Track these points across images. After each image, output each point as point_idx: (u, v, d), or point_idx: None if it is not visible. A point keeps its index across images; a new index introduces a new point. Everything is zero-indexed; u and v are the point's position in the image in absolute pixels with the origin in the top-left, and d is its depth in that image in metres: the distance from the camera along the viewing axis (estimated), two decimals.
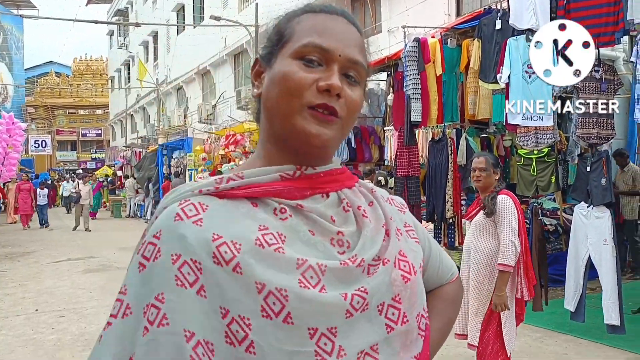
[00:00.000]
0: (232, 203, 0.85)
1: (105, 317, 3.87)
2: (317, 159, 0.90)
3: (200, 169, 15.31)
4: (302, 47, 0.87)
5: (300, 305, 0.77)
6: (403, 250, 0.92)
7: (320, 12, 0.92)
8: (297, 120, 0.85)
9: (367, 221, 0.91)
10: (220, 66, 21.92)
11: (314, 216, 0.86)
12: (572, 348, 5.04)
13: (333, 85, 0.84)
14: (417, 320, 0.90)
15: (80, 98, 46.65)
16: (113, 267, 9.88)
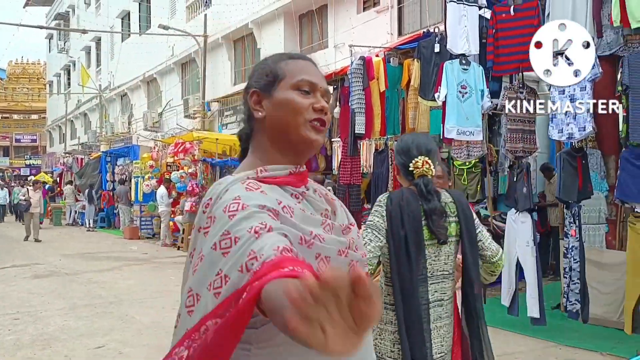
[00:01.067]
0: (269, 186, 1.25)
1: (59, 318, 4.44)
2: (308, 156, 1.36)
3: (148, 176, 15.34)
4: (298, 82, 1.28)
5: (319, 243, 1.21)
6: (349, 218, 1.43)
7: (298, 59, 1.35)
8: (303, 131, 1.27)
9: (335, 202, 1.40)
10: (167, 74, 21.95)
11: (310, 198, 1.32)
12: (498, 338, 5.65)
13: (324, 106, 1.30)
14: (362, 255, 1.37)
15: (14, 102, 45.04)
16: (61, 273, 9.92)
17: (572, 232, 5.70)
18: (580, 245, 5.64)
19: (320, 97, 1.30)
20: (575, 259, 5.62)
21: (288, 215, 1.20)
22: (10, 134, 46.26)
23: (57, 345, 5.53)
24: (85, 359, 5.10)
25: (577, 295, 5.60)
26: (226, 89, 17.62)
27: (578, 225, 5.65)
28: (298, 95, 1.28)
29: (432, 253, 2.41)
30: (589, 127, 5.32)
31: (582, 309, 5.60)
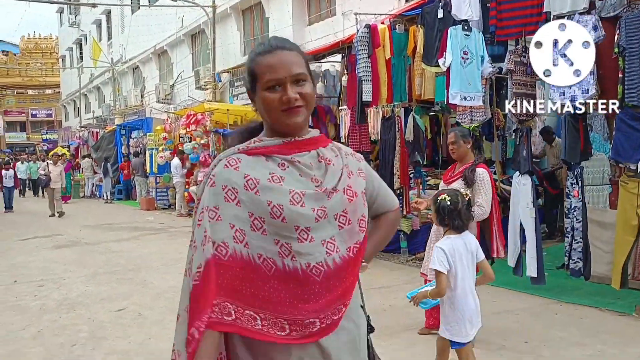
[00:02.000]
0: (254, 158, 1.53)
1: (81, 285, 4.75)
2: (298, 132, 1.58)
3: (161, 148, 15.60)
4: (265, 82, 1.52)
5: (290, 213, 1.45)
6: (350, 184, 1.58)
7: (265, 54, 1.54)
8: (279, 120, 1.53)
9: (331, 166, 1.58)
10: (178, 46, 22.02)
11: (301, 165, 1.54)
12: (500, 296, 5.86)
13: (289, 98, 1.50)
14: (358, 222, 1.56)
15: (29, 77, 45.39)
16: (82, 243, 10.28)
17: (574, 192, 5.81)
18: (582, 206, 5.75)
19: (289, 86, 1.50)
20: (578, 219, 5.74)
21: (252, 185, 1.47)
22: (26, 109, 46.80)
23: (81, 308, 5.84)
24: (108, 320, 5.40)
25: (580, 254, 5.74)
26: (236, 59, 17.67)
27: (581, 186, 5.75)
28: (269, 94, 1.52)
29: None
30: (592, 89, 5.37)
31: (584, 267, 5.75)
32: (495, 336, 4.62)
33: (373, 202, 1.74)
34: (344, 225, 1.52)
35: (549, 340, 4.53)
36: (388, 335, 4.66)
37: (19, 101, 46.71)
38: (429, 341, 4.55)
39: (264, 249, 1.43)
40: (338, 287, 1.48)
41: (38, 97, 47.45)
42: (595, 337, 4.58)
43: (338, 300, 1.48)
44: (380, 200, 1.77)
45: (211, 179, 1.50)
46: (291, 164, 1.53)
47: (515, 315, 5.22)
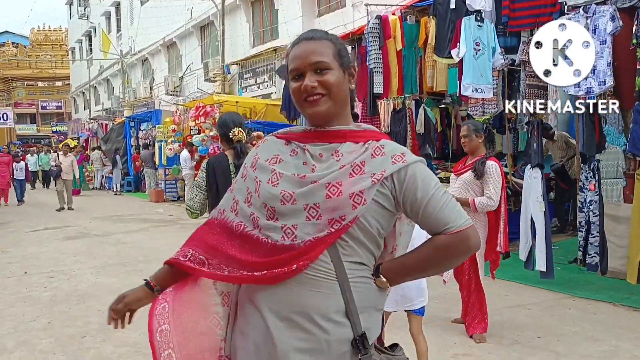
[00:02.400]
0: (278, 140, 1.64)
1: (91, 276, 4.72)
2: (325, 122, 1.56)
3: (170, 140, 15.58)
4: (290, 72, 1.57)
5: (263, 191, 1.53)
6: (342, 182, 1.45)
7: (293, 46, 1.58)
8: (302, 110, 1.57)
9: (334, 162, 1.50)
10: (187, 38, 21.98)
11: (307, 154, 1.55)
12: (512, 291, 5.81)
13: (305, 86, 1.51)
14: (329, 220, 1.45)
15: (39, 70, 45.58)
16: (91, 234, 10.31)
17: (590, 186, 5.73)
18: (599, 199, 5.68)
19: (309, 75, 1.52)
20: (595, 213, 5.66)
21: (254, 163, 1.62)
22: (36, 101, 47.00)
23: (91, 300, 5.84)
24: None
25: (597, 249, 5.67)
26: (245, 51, 17.63)
27: (597, 180, 5.68)
28: (294, 83, 1.56)
29: None
30: (609, 81, 5.28)
31: (600, 261, 5.68)
32: (508, 331, 4.58)
33: (417, 215, 1.50)
34: (312, 218, 1.46)
35: (562, 335, 4.48)
36: (398, 328, 4.61)
37: (29, 93, 46.92)
38: (441, 335, 4.52)
39: (244, 217, 1.56)
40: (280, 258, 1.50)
41: (48, 89, 47.64)
42: (609, 332, 4.52)
43: (278, 266, 1.46)
44: (426, 215, 1.48)
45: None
46: (301, 150, 1.57)
47: (528, 309, 5.17)
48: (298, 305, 1.46)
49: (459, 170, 4.58)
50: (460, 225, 1.48)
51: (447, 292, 5.56)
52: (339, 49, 1.56)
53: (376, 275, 1.53)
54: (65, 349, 4.46)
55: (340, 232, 1.46)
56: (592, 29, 5.30)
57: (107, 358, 4.28)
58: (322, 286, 1.47)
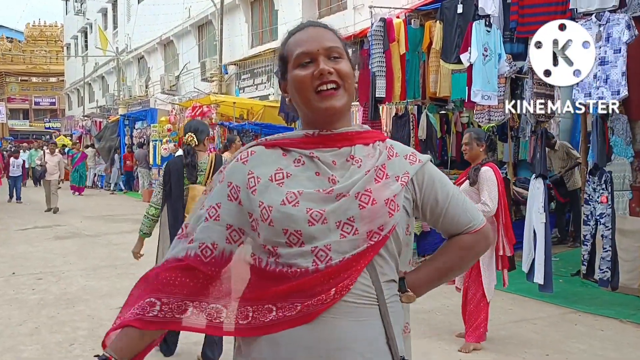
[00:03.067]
0: (270, 151, 1.37)
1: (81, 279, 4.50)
2: (337, 122, 1.35)
3: (165, 139, 15.35)
4: (295, 59, 1.34)
5: (278, 215, 1.27)
6: (372, 189, 1.30)
7: (296, 32, 1.39)
8: (313, 103, 1.32)
9: (355, 168, 1.32)
10: (184, 37, 21.79)
11: (319, 162, 1.33)
12: (516, 304, 5.65)
13: (322, 69, 1.30)
14: (368, 233, 1.28)
15: (33, 65, 45.21)
16: (82, 234, 10.08)
17: (602, 198, 5.56)
18: (612, 212, 5.54)
19: (323, 60, 1.31)
20: (607, 226, 5.50)
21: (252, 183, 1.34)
22: (29, 97, 46.60)
23: (80, 304, 5.64)
24: (108, 318, 5.19)
25: (609, 263, 5.51)
26: (243, 51, 17.45)
27: (610, 192, 5.54)
28: (300, 71, 1.33)
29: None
30: (623, 91, 5.15)
31: (611, 276, 5.53)
32: (515, 347, 4.42)
33: (438, 218, 1.42)
34: (347, 234, 1.27)
35: (570, 353, 4.32)
36: None
37: (22, 88, 46.50)
38: (444, 350, 4.36)
39: (257, 250, 1.35)
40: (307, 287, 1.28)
41: (42, 85, 47.25)
42: (618, 351, 4.37)
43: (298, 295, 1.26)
44: (449, 216, 1.42)
45: (222, 173, 1.40)
46: (309, 159, 1.33)
47: (533, 324, 5.01)
48: (338, 340, 1.26)
49: (459, 181, 4.54)
50: (480, 221, 1.46)
51: (450, 305, 5.41)
52: (344, 43, 1.40)
53: (403, 291, 1.39)
54: (52, 356, 4.26)
55: (380, 245, 1.30)
56: (605, 37, 5.17)
57: None
58: (363, 314, 1.28)
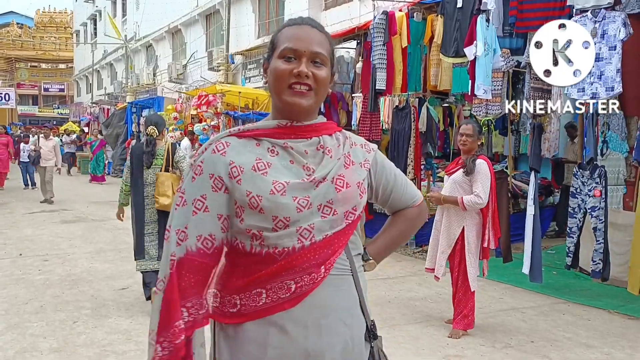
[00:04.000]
0: (244, 141, 1.46)
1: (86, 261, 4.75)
2: (302, 117, 1.47)
3: (172, 128, 15.48)
4: (282, 51, 1.44)
5: (268, 204, 1.37)
6: (344, 174, 1.46)
7: (292, 25, 1.48)
8: (284, 95, 1.43)
9: (327, 157, 1.47)
10: (192, 26, 21.88)
11: (293, 152, 1.45)
12: (508, 294, 5.79)
13: (301, 71, 1.40)
14: (345, 213, 1.45)
15: (43, 51, 45.43)
16: (88, 219, 10.28)
17: (596, 192, 5.64)
18: (605, 206, 5.64)
19: (305, 62, 1.41)
20: (601, 219, 5.60)
21: (236, 173, 1.41)
22: (38, 83, 46.87)
23: (84, 285, 5.82)
24: (111, 298, 5.37)
25: (601, 255, 5.61)
26: (250, 41, 17.54)
27: (604, 186, 5.63)
28: (282, 63, 1.42)
29: (147, 172, 5.04)
30: (617, 88, 5.22)
31: (603, 268, 5.63)
32: (502, 334, 4.56)
33: (388, 196, 1.63)
34: (327, 215, 1.42)
35: (555, 340, 4.45)
36: (391, 327, 4.61)
37: (32, 74, 46.77)
38: (433, 335, 4.50)
39: (239, 234, 1.43)
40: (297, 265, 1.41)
41: (51, 72, 47.50)
42: (603, 339, 4.50)
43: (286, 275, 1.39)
44: (397, 194, 1.64)
45: (199, 166, 1.43)
46: (283, 149, 1.44)
47: (522, 313, 5.15)
48: (322, 309, 1.41)
49: (450, 170, 4.66)
50: (419, 197, 1.70)
51: (441, 293, 5.55)
52: (332, 47, 1.51)
53: (366, 259, 1.57)
54: (56, 333, 4.44)
55: (355, 223, 1.49)
56: (600, 34, 5.25)
57: (98, 344, 4.26)
58: (342, 284, 1.46)
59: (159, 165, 5.01)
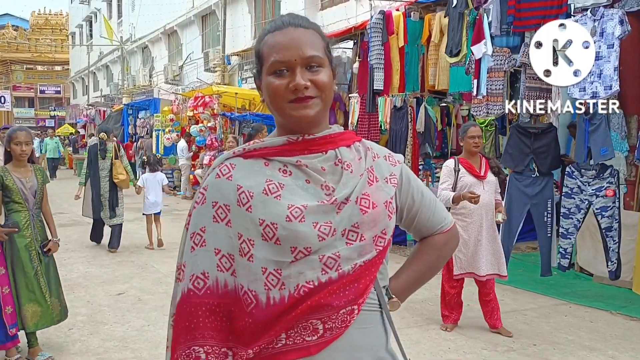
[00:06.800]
0: (251, 161, 1.28)
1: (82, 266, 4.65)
2: (311, 129, 1.29)
3: (168, 129, 15.44)
4: (270, 66, 1.25)
5: (285, 233, 1.19)
6: (368, 192, 1.27)
7: (274, 31, 1.28)
8: (286, 111, 1.25)
9: (348, 172, 1.28)
10: (188, 27, 21.79)
11: (308, 170, 1.26)
12: (509, 295, 5.72)
13: (297, 85, 1.22)
14: (374, 238, 1.26)
15: (38, 53, 45.24)
16: (84, 223, 10.16)
17: (609, 192, 5.53)
18: (619, 205, 5.58)
19: (299, 71, 1.23)
20: (616, 219, 5.53)
21: (245, 200, 1.23)
22: (34, 85, 46.67)
23: (80, 290, 5.75)
24: (107, 304, 5.30)
25: (617, 255, 5.53)
26: (246, 42, 17.45)
27: (617, 185, 5.57)
28: (275, 79, 1.25)
29: (102, 162, 7.70)
30: (615, 86, 5.17)
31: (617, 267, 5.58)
32: (504, 337, 4.50)
33: (412, 219, 1.41)
34: (353, 241, 1.23)
35: (557, 343, 4.40)
36: None
37: (27, 77, 46.56)
38: (434, 339, 4.44)
39: (247, 279, 1.21)
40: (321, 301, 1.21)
41: (47, 74, 47.30)
42: (606, 342, 4.44)
43: (312, 314, 1.20)
44: (423, 217, 1.42)
45: (202, 193, 1.28)
46: (296, 168, 1.26)
47: (524, 315, 5.09)
48: (349, 351, 1.23)
49: (480, 174, 4.54)
50: (450, 221, 1.47)
51: None
52: (326, 42, 1.31)
53: (389, 298, 1.35)
54: (50, 340, 4.37)
55: (385, 250, 1.29)
56: (599, 32, 5.20)
57: (94, 352, 4.19)
58: (369, 321, 1.27)
59: (109, 157, 7.74)
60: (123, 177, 7.79)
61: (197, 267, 1.24)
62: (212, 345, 1.22)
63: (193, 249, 1.25)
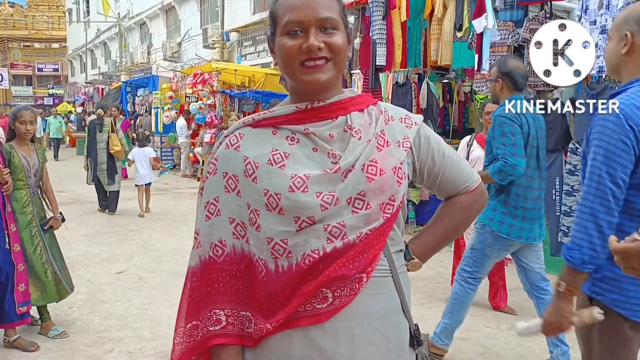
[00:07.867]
0: (260, 131, 1.29)
1: (82, 244, 4.56)
2: (322, 94, 1.27)
3: (167, 107, 15.33)
4: (284, 27, 1.23)
5: (287, 203, 1.19)
6: (377, 158, 1.25)
7: None
8: (297, 75, 1.24)
9: (355, 139, 1.25)
10: (186, 2, 21.51)
11: (315, 138, 1.25)
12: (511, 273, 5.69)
13: (311, 45, 1.20)
14: (381, 206, 1.23)
15: (35, 30, 44.80)
16: (84, 201, 10.15)
17: None
18: None
19: (313, 32, 1.21)
20: None
21: (251, 170, 1.25)
22: (32, 63, 46.32)
23: (80, 269, 5.72)
24: (107, 283, 5.28)
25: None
26: (245, 18, 17.24)
27: None
28: (288, 40, 1.23)
29: (100, 135, 8.80)
30: None
31: None
32: (506, 315, 4.48)
33: (435, 180, 1.39)
34: (359, 209, 1.21)
35: None
36: None
37: (25, 54, 46.19)
38: (437, 317, 4.41)
39: (257, 249, 1.23)
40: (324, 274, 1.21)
41: (44, 51, 46.90)
42: None
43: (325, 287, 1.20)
44: (446, 178, 1.39)
45: (213, 163, 1.31)
46: (304, 136, 1.25)
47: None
48: (359, 317, 1.23)
49: None
50: (476, 180, 1.44)
51: (445, 273, 5.46)
52: (342, 6, 1.29)
53: (408, 259, 1.37)
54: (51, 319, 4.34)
55: (395, 217, 1.27)
56: (605, 5, 5.09)
57: (94, 330, 4.17)
58: (380, 287, 1.26)
59: (106, 131, 8.76)
60: (118, 148, 8.70)
61: (214, 236, 1.28)
62: (232, 309, 1.26)
63: (209, 217, 1.28)
